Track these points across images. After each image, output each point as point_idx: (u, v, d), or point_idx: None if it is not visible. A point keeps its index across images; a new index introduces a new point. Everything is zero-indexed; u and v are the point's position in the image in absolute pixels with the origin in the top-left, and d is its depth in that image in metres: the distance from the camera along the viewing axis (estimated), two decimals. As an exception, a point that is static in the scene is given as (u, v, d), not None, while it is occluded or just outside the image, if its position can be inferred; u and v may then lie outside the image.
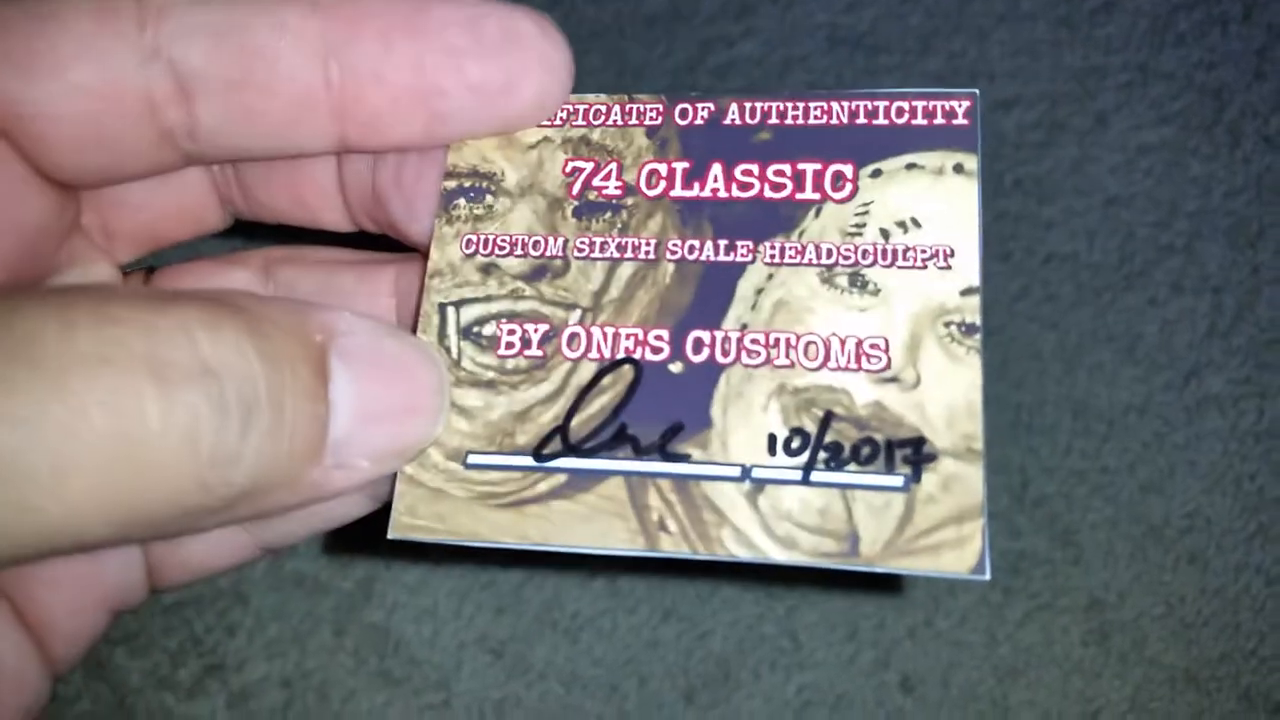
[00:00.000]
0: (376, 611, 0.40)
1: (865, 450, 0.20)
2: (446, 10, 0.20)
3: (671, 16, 0.50)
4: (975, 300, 0.20)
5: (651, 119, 0.23)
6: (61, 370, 0.14)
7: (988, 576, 0.19)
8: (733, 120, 0.22)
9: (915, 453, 0.19)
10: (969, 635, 0.41)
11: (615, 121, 0.23)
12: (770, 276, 0.21)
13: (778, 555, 0.19)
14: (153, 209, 0.23)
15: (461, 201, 0.22)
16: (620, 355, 0.21)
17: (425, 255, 0.22)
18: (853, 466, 0.20)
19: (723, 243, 0.21)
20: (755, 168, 0.22)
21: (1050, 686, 0.40)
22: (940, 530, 0.19)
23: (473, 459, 0.21)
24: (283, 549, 0.27)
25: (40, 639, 0.22)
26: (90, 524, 0.14)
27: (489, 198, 0.22)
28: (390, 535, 0.21)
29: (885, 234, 0.21)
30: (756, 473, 0.20)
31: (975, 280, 0.20)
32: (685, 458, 0.20)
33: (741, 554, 0.20)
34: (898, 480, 0.19)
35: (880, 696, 0.40)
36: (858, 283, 0.21)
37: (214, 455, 0.15)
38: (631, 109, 0.23)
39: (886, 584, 0.41)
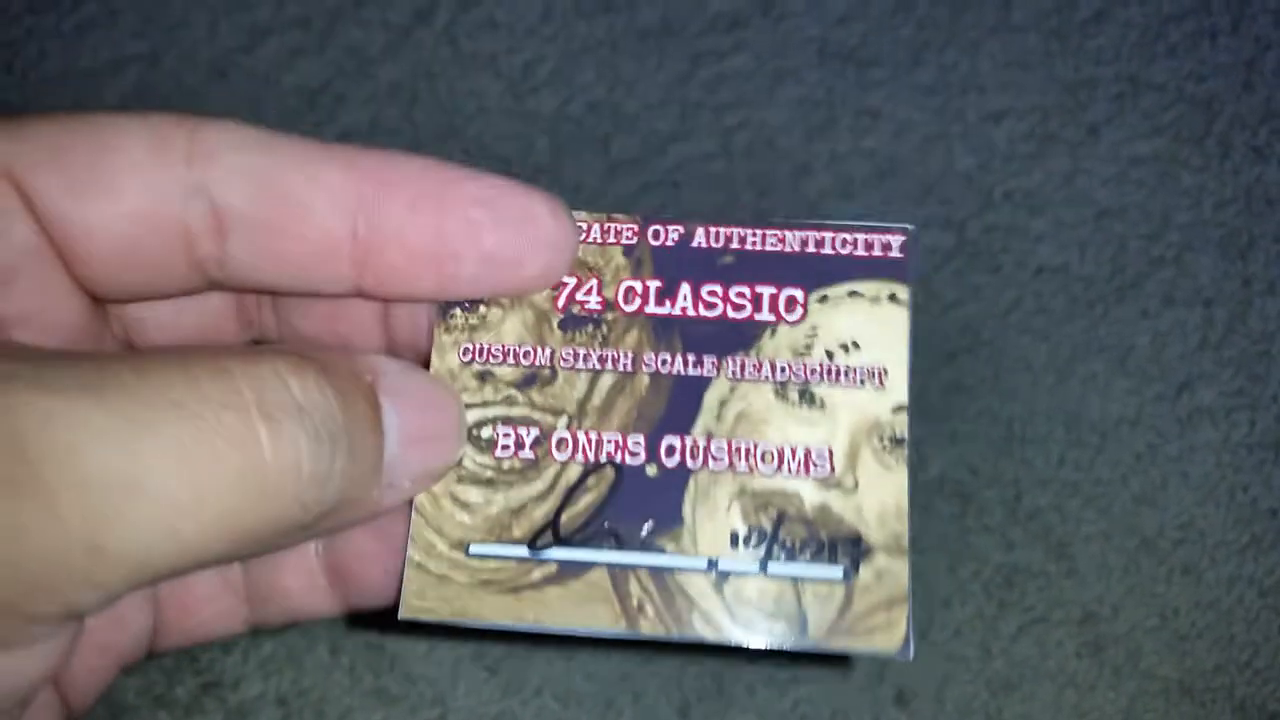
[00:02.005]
0: (372, 628, 0.40)
1: (812, 546, 0.23)
2: (471, 185, 0.22)
3: (662, 30, 0.49)
4: (903, 416, 0.23)
5: (627, 238, 0.25)
6: (195, 414, 0.16)
7: (910, 657, 0.22)
8: (699, 243, 0.24)
9: (854, 548, 0.22)
10: (963, 649, 0.40)
11: (595, 240, 0.25)
12: (732, 390, 0.24)
13: (739, 637, 0.22)
14: (176, 327, 0.24)
15: (457, 311, 0.24)
16: (603, 459, 0.23)
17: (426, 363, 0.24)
18: (802, 559, 0.23)
19: (691, 357, 0.24)
20: (719, 288, 0.24)
21: (1045, 700, 0.40)
22: (874, 615, 0.22)
23: (474, 548, 0.23)
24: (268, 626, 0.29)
25: (63, 694, 0.23)
26: (214, 544, 0.17)
27: (482, 308, 0.24)
28: (401, 616, 0.23)
29: (830, 354, 0.24)
30: (722, 564, 0.23)
31: (904, 399, 0.23)
32: (661, 550, 0.23)
33: (709, 636, 0.23)
34: (838, 571, 0.22)
35: (875, 711, 0.40)
36: (806, 398, 0.23)
37: (312, 479, 0.18)
38: (609, 228, 0.25)
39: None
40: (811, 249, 0.24)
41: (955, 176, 0.47)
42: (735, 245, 0.24)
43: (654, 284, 0.24)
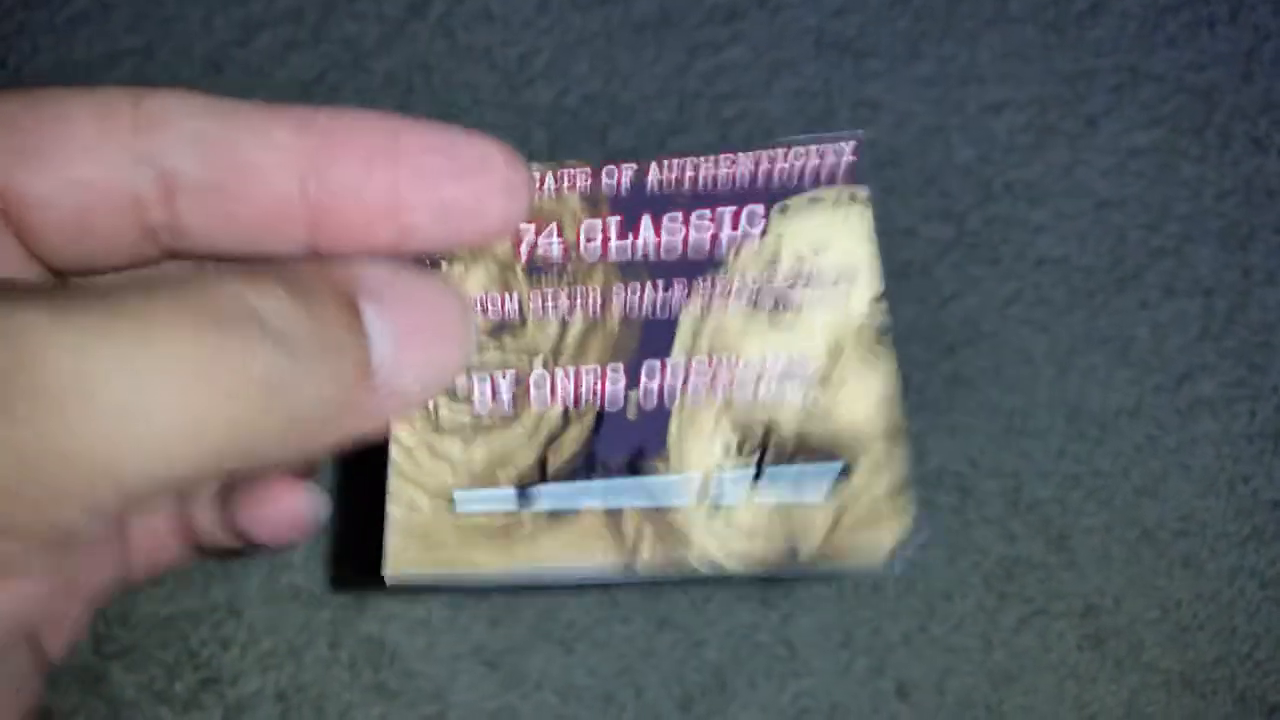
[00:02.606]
0: (371, 623, 0.40)
1: (805, 450, 0.22)
2: (424, 136, 0.22)
3: (660, 22, 0.49)
4: (881, 305, 0.24)
5: (582, 182, 0.25)
6: (148, 330, 0.16)
7: (897, 571, 0.22)
8: (655, 179, 0.24)
9: (850, 444, 0.22)
10: (964, 641, 0.40)
11: (550, 190, 0.25)
12: (706, 310, 0.23)
13: (733, 566, 0.22)
14: None
15: None
16: (584, 394, 0.23)
17: None
18: (798, 463, 0.22)
19: (660, 284, 0.24)
20: (680, 215, 0.24)
21: (1046, 692, 0.39)
22: (873, 517, 0.22)
23: (460, 500, 0.22)
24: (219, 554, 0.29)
25: (41, 643, 0.22)
26: (194, 459, 0.16)
27: (444, 265, 0.24)
28: (386, 575, 0.22)
29: (800, 259, 0.24)
30: (714, 483, 0.22)
31: (879, 288, 0.24)
32: (652, 470, 0.22)
33: (704, 568, 0.22)
34: (835, 469, 0.22)
35: (876, 704, 0.39)
36: (781, 306, 0.23)
37: (279, 386, 0.17)
38: (563, 174, 0.25)
39: (880, 589, 0.40)
40: (765, 165, 0.24)
41: (954, 168, 0.46)
42: (690, 173, 0.24)
43: (614, 220, 0.24)
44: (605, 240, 0.24)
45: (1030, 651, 0.40)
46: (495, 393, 0.23)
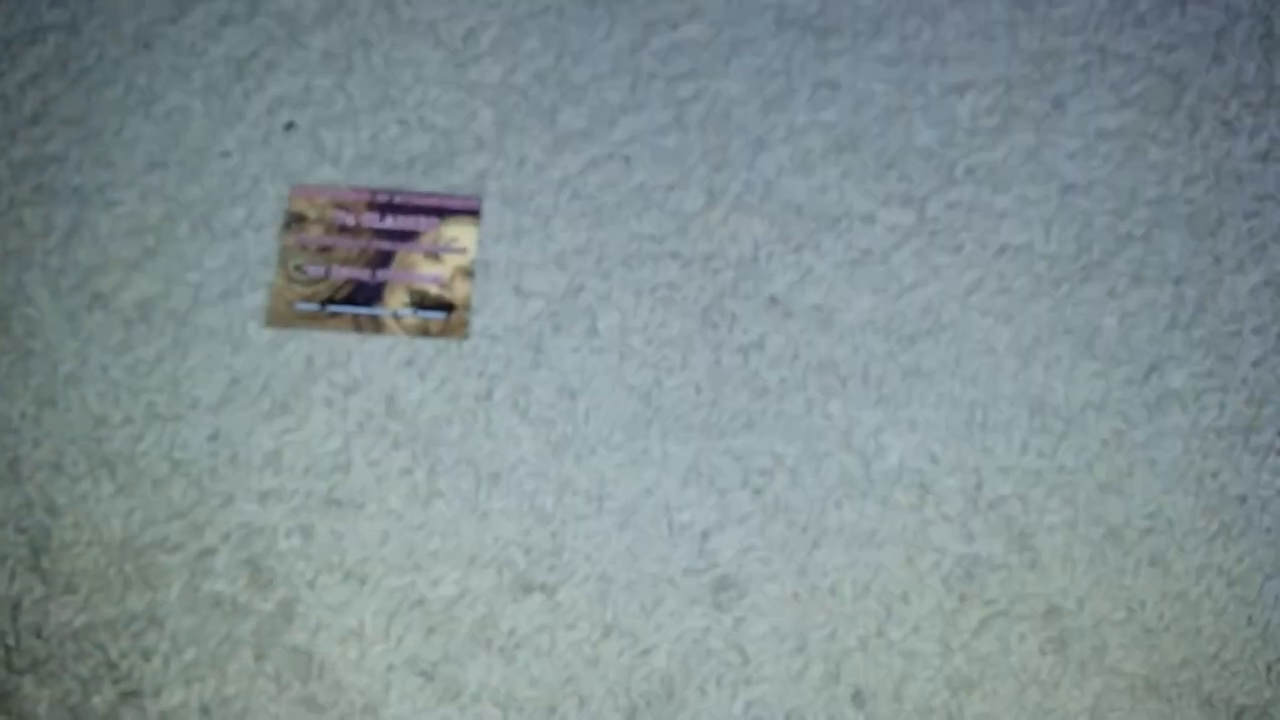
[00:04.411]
0: (299, 634, 0.37)
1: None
2: None
3: (613, -2, 0.46)
4: None
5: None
6: None
7: None
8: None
9: None
10: (922, 645, 0.38)
11: None
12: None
13: None
14: None
15: None
16: None
17: None
18: None
19: None
20: None
21: (1007, 698, 0.37)
22: None
23: None
24: None
25: None
26: None
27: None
28: None
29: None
30: None
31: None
32: None
33: None
34: None
35: (831, 711, 0.37)
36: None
37: None
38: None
39: (837, 591, 0.38)
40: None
41: (916, 151, 0.44)
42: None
43: None
44: None
45: (991, 656, 0.38)
46: None
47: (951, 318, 0.41)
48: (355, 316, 0.41)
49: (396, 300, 0.41)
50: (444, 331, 0.41)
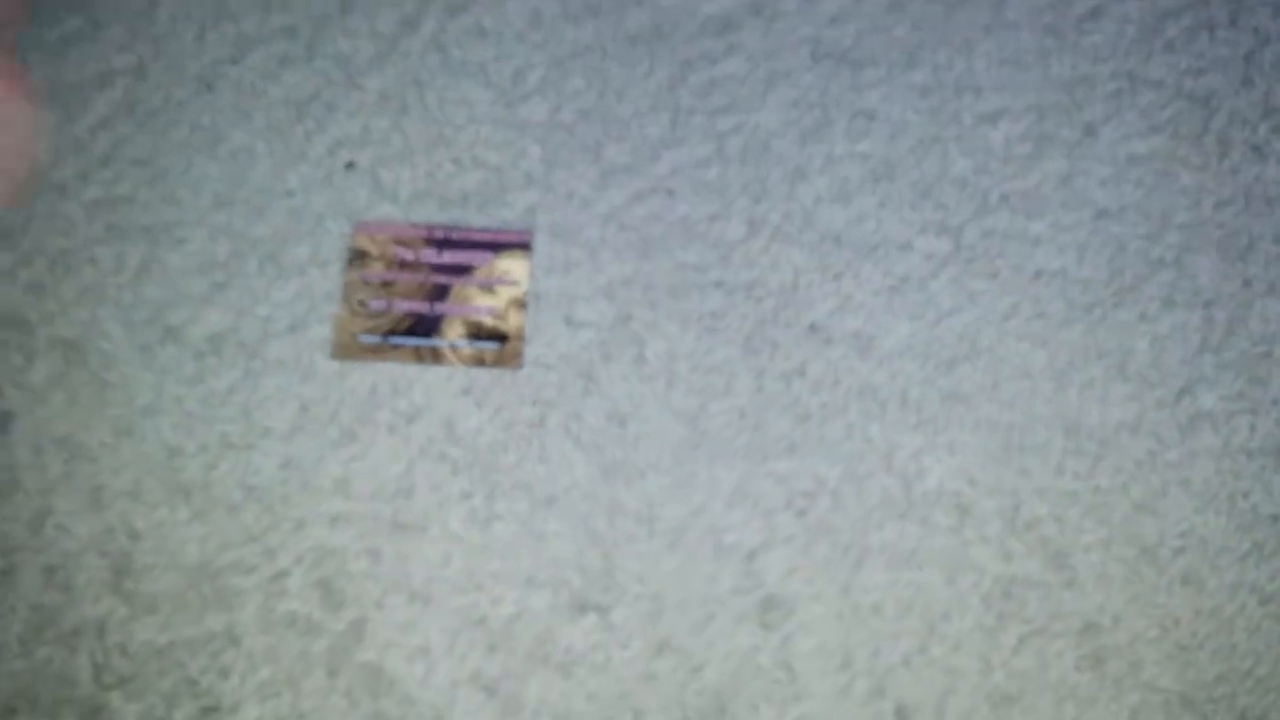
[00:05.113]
0: (369, 651, 0.39)
1: None
2: None
3: (653, 34, 0.48)
4: None
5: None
6: None
7: None
8: None
9: None
10: (963, 662, 0.39)
11: None
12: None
13: None
14: None
15: None
16: None
17: None
18: None
19: None
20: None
21: (1045, 713, 0.38)
22: None
23: None
24: None
25: None
26: None
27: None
28: None
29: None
30: None
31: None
32: None
33: None
34: None
35: (875, 725, 0.38)
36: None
37: None
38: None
39: (882, 610, 0.39)
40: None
41: (951, 180, 0.45)
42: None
43: None
44: None
45: (1029, 672, 0.39)
46: None
47: (988, 342, 0.42)
48: (416, 348, 0.43)
49: (454, 332, 0.43)
50: (499, 361, 0.42)
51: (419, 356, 0.43)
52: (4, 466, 0.43)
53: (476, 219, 0.45)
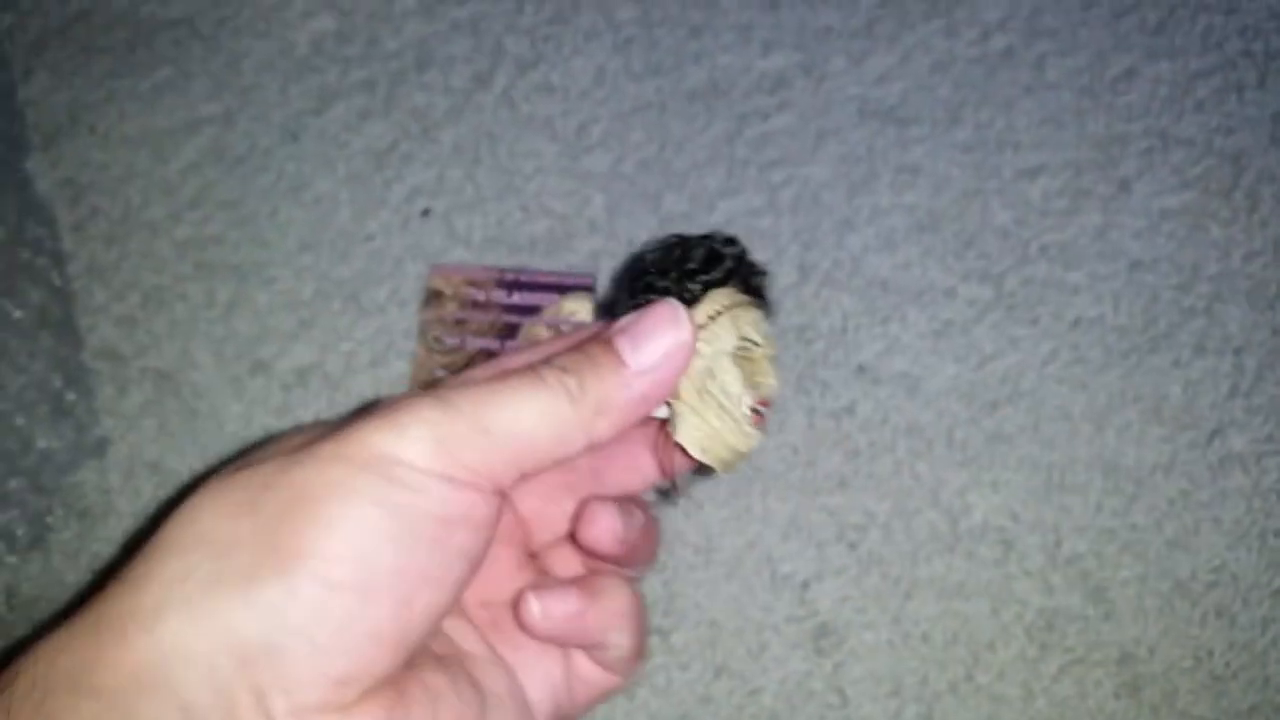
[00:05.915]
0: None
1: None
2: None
3: (710, 91, 0.50)
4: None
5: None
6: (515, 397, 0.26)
7: None
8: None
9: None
10: (1007, 689, 0.41)
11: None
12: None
13: None
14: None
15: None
16: None
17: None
18: None
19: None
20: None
21: (1085, 738, 0.40)
22: None
23: None
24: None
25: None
26: (547, 444, 0.26)
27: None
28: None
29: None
30: None
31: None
32: None
33: None
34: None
35: (923, 748, 0.40)
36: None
37: (571, 395, 0.26)
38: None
39: (930, 639, 0.41)
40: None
41: (992, 231, 0.47)
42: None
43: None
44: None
45: (1069, 700, 0.41)
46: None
47: (1029, 385, 0.45)
48: (488, 385, 0.45)
49: (524, 370, 0.46)
50: (566, 398, 0.45)
51: (492, 392, 0.45)
52: (99, 489, 0.46)
53: (544, 263, 0.48)
